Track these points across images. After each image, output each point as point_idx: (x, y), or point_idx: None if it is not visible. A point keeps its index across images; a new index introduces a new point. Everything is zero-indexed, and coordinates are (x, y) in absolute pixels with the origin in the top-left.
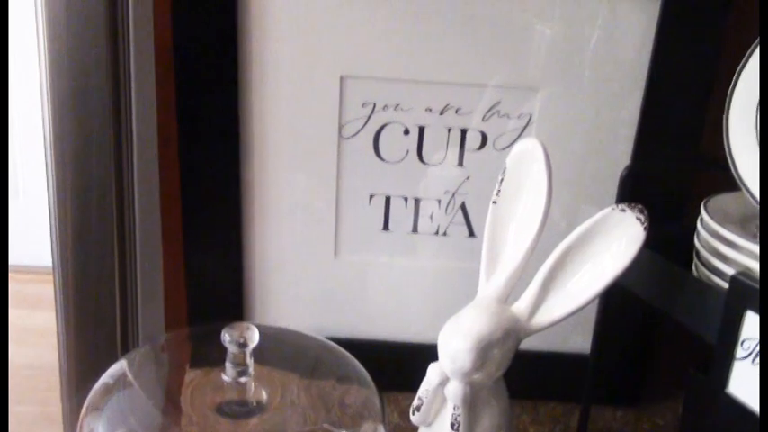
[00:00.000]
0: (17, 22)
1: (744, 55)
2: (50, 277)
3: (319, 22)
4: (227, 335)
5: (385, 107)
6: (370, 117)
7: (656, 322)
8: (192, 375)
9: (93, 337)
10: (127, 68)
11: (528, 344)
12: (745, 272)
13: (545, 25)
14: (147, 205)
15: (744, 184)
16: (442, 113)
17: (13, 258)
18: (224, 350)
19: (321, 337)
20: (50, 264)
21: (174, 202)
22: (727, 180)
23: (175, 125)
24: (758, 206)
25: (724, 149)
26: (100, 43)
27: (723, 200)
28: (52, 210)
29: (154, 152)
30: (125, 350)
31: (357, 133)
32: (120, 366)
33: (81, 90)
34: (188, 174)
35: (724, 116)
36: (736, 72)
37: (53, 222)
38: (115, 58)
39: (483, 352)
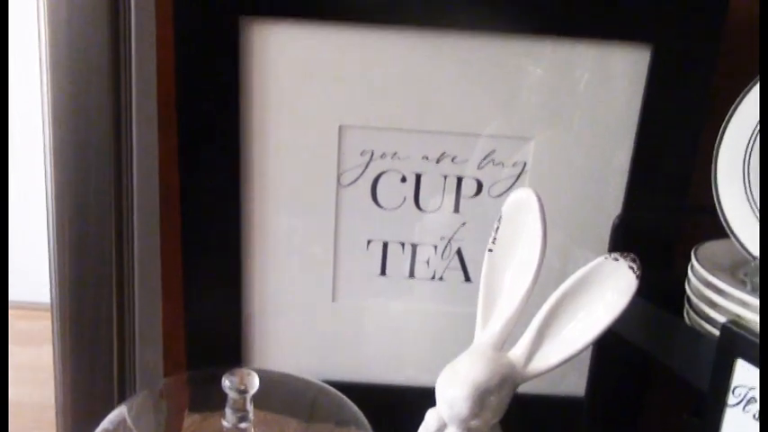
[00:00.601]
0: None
1: (732, 104)
2: (41, 313)
3: (319, 74)
4: (227, 381)
5: (383, 155)
6: (368, 165)
7: (651, 366)
8: (190, 420)
9: (90, 380)
10: (128, 124)
11: (523, 386)
12: (736, 320)
13: (537, 77)
14: (146, 248)
15: (732, 232)
16: (438, 161)
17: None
18: (222, 395)
19: (318, 381)
20: (40, 299)
21: (174, 247)
22: (716, 227)
23: (177, 173)
24: (746, 252)
25: (712, 196)
26: (104, 124)
27: (713, 247)
28: (51, 250)
29: (154, 198)
30: (122, 393)
31: (355, 181)
32: (119, 412)
33: (82, 143)
34: (189, 218)
35: (712, 166)
36: (724, 123)
37: (52, 261)
38: (117, 114)
39: (480, 399)
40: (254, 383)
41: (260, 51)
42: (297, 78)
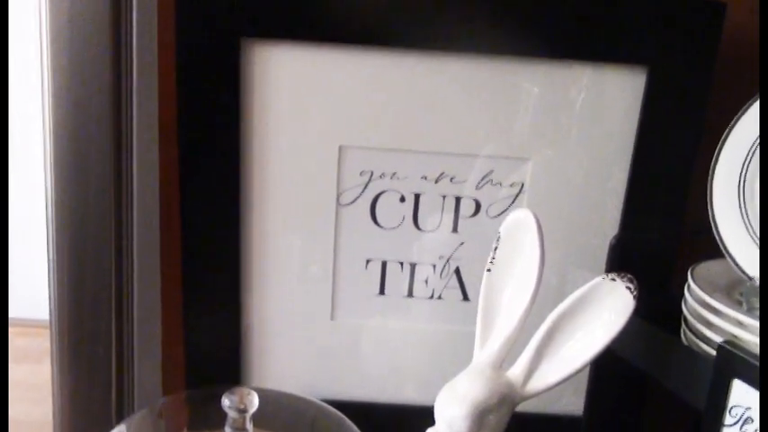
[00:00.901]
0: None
1: (727, 126)
2: (39, 330)
3: (319, 95)
4: (227, 400)
5: (382, 175)
6: (367, 185)
7: (648, 385)
8: None
9: (88, 398)
10: (129, 140)
11: (521, 405)
12: (732, 340)
13: (535, 98)
14: (146, 265)
15: (728, 252)
16: (436, 182)
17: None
18: (222, 414)
19: (317, 400)
20: (38, 316)
21: (173, 264)
22: (712, 246)
23: (178, 189)
24: (742, 273)
25: (708, 217)
26: (103, 140)
27: (709, 267)
28: (50, 265)
29: (155, 214)
30: (120, 411)
31: (355, 200)
32: (118, 431)
33: (81, 157)
34: (188, 237)
35: (708, 186)
36: (719, 143)
37: (51, 277)
38: (118, 127)
39: (479, 418)
40: (254, 403)
41: (261, 72)
42: (297, 99)
